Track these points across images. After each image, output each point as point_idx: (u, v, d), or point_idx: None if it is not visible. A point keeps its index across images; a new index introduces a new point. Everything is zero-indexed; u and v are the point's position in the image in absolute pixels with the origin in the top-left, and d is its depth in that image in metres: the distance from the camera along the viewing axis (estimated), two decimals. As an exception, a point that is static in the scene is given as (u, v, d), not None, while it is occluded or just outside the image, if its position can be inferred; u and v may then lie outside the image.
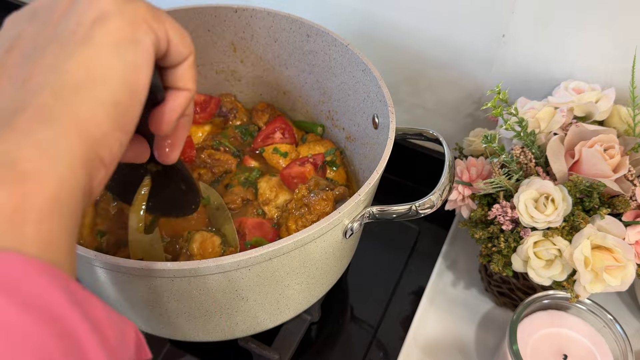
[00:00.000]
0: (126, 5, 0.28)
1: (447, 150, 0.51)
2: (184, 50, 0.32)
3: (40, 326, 0.21)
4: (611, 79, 0.62)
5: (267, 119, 0.73)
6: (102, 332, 0.24)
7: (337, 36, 0.61)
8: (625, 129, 0.59)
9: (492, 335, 0.66)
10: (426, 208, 0.48)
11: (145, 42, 0.28)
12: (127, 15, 0.28)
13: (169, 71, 0.33)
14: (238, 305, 0.49)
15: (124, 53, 0.27)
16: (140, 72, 0.28)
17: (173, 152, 0.37)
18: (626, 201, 0.53)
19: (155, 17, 0.29)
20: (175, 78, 0.33)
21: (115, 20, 0.27)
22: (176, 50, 0.31)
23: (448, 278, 0.71)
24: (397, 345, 0.65)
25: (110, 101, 0.27)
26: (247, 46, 0.70)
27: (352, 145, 0.68)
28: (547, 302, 0.57)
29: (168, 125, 0.34)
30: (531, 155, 0.56)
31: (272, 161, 0.69)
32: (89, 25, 0.27)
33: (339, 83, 0.65)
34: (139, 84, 0.28)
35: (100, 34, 0.27)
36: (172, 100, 0.33)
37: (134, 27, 0.28)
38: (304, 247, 0.46)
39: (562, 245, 0.52)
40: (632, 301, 0.68)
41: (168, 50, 0.31)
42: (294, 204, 0.60)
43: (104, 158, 0.27)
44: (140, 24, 0.28)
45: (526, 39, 0.63)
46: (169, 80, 0.33)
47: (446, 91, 0.74)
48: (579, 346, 0.56)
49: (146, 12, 0.29)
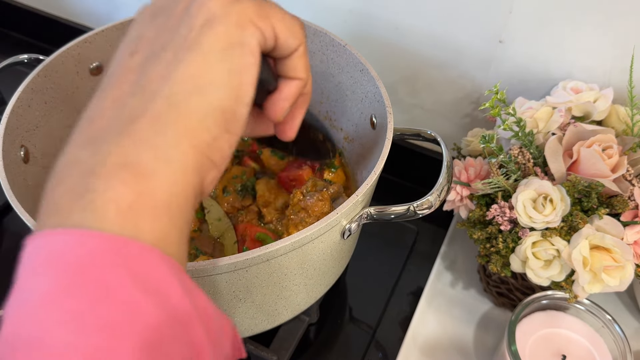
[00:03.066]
0: (233, 7, 0.29)
1: (445, 151, 0.51)
2: (292, 42, 0.32)
3: (156, 309, 0.23)
4: (609, 79, 0.62)
5: None
6: (207, 323, 0.26)
7: (335, 36, 0.61)
8: (623, 129, 0.59)
9: (490, 335, 0.66)
10: (424, 208, 0.48)
11: (251, 44, 0.29)
12: (233, 17, 0.29)
13: (281, 61, 0.34)
14: (236, 307, 0.49)
15: (230, 58, 0.28)
16: (245, 75, 0.29)
17: (291, 131, 0.39)
18: (624, 201, 0.52)
19: (262, 14, 0.30)
20: (287, 68, 0.34)
21: (221, 23, 0.28)
22: (285, 44, 0.32)
23: (447, 278, 0.71)
24: (396, 346, 0.65)
25: (218, 107, 0.28)
26: (244, 46, 0.69)
27: (350, 145, 0.68)
28: (545, 303, 0.57)
29: (281, 113, 0.35)
30: (529, 156, 0.56)
31: (269, 163, 0.69)
32: (198, 30, 0.28)
33: (336, 83, 0.65)
34: (243, 88, 0.29)
35: (207, 40, 0.28)
36: (284, 90, 0.35)
37: (240, 29, 0.29)
38: (302, 248, 0.46)
39: (560, 246, 0.52)
40: (631, 301, 0.68)
41: (276, 44, 0.32)
42: (291, 209, 0.59)
43: (215, 160, 0.28)
44: (247, 25, 0.29)
45: (524, 38, 0.63)
46: (281, 69, 0.34)
47: (444, 91, 0.74)
48: (578, 346, 0.56)
49: (253, 12, 0.29)
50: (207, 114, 0.28)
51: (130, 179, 0.25)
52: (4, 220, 0.79)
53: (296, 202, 0.59)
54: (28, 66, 0.59)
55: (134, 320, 0.22)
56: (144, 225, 0.24)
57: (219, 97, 0.28)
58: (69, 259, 0.23)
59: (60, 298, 0.22)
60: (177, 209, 0.26)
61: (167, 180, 0.26)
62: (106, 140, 0.26)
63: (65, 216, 0.24)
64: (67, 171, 0.26)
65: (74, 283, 0.22)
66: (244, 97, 0.29)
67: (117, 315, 0.22)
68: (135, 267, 0.23)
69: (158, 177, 0.25)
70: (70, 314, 0.22)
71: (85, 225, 0.24)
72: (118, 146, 0.26)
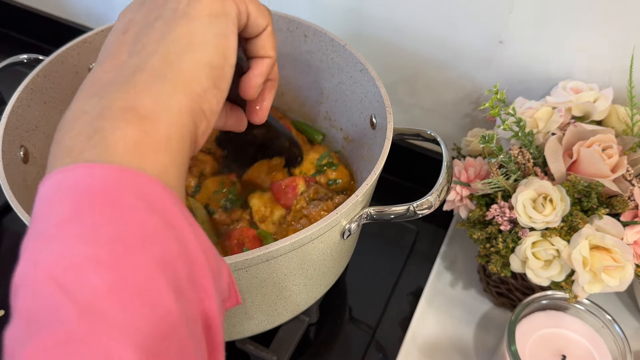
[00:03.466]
0: None
1: (444, 151, 0.51)
2: (262, 21, 0.37)
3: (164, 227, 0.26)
4: (609, 79, 0.62)
5: None
6: (207, 254, 0.28)
7: (335, 36, 0.61)
8: (623, 129, 0.59)
9: (490, 335, 0.66)
10: (424, 209, 0.48)
11: (232, 14, 0.34)
12: None
13: (251, 42, 0.38)
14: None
15: (216, 24, 0.33)
16: (229, 38, 0.33)
17: (262, 113, 0.42)
18: (624, 201, 0.52)
19: None
20: (257, 47, 0.38)
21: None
22: (255, 22, 0.36)
23: (447, 278, 0.71)
24: (396, 346, 0.65)
25: (208, 63, 0.32)
26: (244, 47, 0.69)
27: (350, 145, 0.68)
28: (545, 303, 0.57)
29: (255, 89, 0.39)
30: (529, 156, 0.56)
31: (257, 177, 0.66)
32: (186, 3, 0.33)
33: (336, 83, 0.65)
34: (228, 48, 0.33)
35: (195, 10, 0.32)
36: (256, 68, 0.39)
37: (222, 2, 0.33)
38: (302, 248, 0.46)
39: (560, 246, 0.52)
40: (631, 301, 0.68)
41: (248, 22, 0.36)
42: (292, 215, 0.59)
43: (205, 110, 0.32)
44: (226, 0, 0.34)
45: (524, 38, 0.63)
46: (252, 50, 0.38)
47: (444, 91, 0.74)
48: (578, 346, 0.56)
49: None
50: (198, 68, 0.31)
51: (135, 120, 0.28)
52: (3, 220, 0.79)
53: (299, 209, 0.59)
54: (28, 66, 0.59)
55: (147, 236, 0.25)
56: (148, 159, 0.27)
57: (209, 55, 0.32)
58: (82, 188, 0.25)
59: (77, 218, 0.24)
60: (175, 147, 0.29)
61: (167, 121, 0.29)
62: (110, 91, 0.29)
63: (76, 155, 0.26)
64: (75, 120, 0.28)
65: (89, 206, 0.24)
66: (229, 58, 0.33)
67: (132, 231, 0.24)
68: (144, 194, 0.26)
69: (159, 119, 0.29)
70: (89, 227, 0.24)
71: (96, 160, 0.26)
72: (122, 94, 0.29)
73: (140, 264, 0.24)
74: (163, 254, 0.25)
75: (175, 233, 0.26)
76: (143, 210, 0.25)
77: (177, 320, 0.24)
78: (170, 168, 0.28)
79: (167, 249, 0.25)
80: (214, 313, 0.27)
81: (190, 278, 0.26)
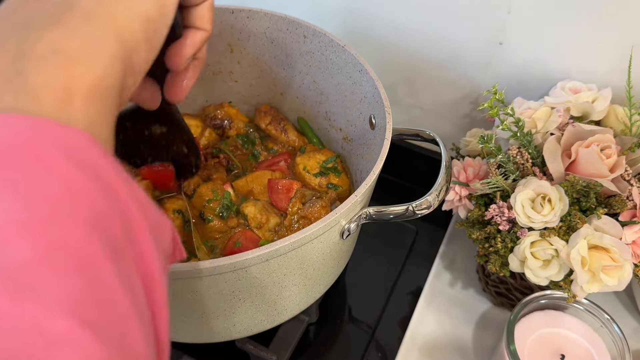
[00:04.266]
0: None
1: (443, 151, 0.51)
2: None
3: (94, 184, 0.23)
4: (608, 79, 0.62)
5: (269, 120, 0.73)
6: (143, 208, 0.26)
7: (334, 37, 0.61)
8: (622, 129, 0.59)
9: (489, 335, 0.66)
10: (423, 209, 0.48)
11: None
12: None
13: (190, 10, 0.37)
14: (235, 307, 0.49)
15: None
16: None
17: (182, 91, 0.41)
18: (623, 201, 0.53)
19: None
20: (195, 17, 0.37)
21: None
22: None
23: (446, 278, 0.71)
24: (395, 346, 0.65)
25: (144, 15, 0.30)
26: (244, 47, 0.70)
27: (349, 146, 0.68)
28: (544, 302, 0.57)
29: (183, 59, 0.38)
30: (528, 156, 0.56)
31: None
32: None
33: (335, 84, 0.65)
34: (167, 6, 0.32)
35: None
36: (190, 37, 0.38)
37: None
38: (301, 248, 0.46)
39: (559, 246, 0.52)
40: (630, 301, 0.68)
41: None
42: (290, 218, 0.59)
43: (134, 64, 0.30)
44: None
45: (523, 39, 0.63)
46: (189, 19, 0.37)
47: (443, 92, 0.74)
48: (577, 346, 0.56)
49: None
50: (133, 17, 0.30)
51: (63, 62, 0.25)
52: None
53: (295, 212, 0.59)
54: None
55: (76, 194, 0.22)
56: (76, 108, 0.25)
57: (146, 7, 0.30)
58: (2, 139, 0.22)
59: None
60: (105, 95, 0.27)
61: (96, 66, 0.27)
62: (32, 28, 0.26)
63: None
64: None
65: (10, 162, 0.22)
66: (167, 15, 0.32)
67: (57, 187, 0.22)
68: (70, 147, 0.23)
69: (88, 63, 0.26)
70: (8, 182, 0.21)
71: (18, 107, 0.23)
72: (47, 33, 0.26)
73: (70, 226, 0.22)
74: (94, 213, 0.23)
75: (107, 189, 0.24)
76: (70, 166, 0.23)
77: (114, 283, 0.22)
78: (100, 119, 0.26)
79: (99, 207, 0.23)
80: (154, 270, 0.25)
81: (126, 235, 0.24)
